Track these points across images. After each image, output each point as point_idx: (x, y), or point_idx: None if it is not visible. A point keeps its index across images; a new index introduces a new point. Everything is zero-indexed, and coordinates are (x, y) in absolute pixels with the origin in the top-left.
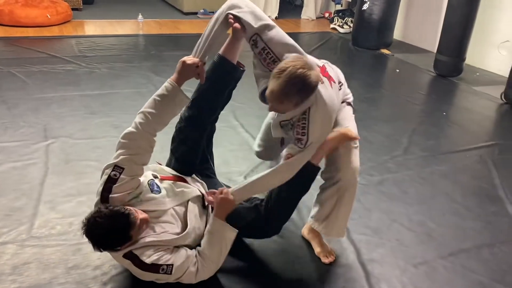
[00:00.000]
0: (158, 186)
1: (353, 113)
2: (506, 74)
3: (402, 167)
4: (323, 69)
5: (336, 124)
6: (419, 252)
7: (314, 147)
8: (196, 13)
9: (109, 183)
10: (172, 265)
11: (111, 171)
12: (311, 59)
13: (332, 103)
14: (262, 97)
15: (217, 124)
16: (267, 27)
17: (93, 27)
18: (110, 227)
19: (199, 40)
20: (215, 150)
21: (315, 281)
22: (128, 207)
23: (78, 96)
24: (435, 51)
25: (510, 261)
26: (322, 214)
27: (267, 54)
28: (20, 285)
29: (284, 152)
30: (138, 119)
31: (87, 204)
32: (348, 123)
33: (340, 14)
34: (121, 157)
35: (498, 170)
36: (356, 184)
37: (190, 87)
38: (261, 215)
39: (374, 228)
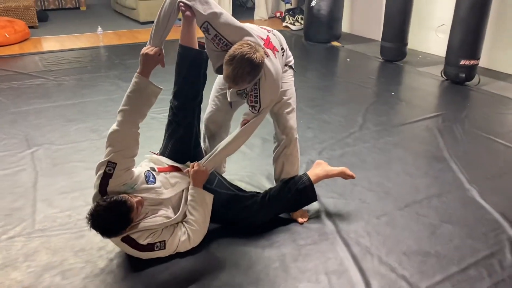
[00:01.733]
0: (154, 177)
1: (293, 76)
2: (444, 55)
3: (359, 141)
4: (267, 41)
5: None
6: (379, 206)
7: (266, 111)
8: (152, 22)
9: (105, 178)
10: (164, 241)
11: (106, 167)
12: (256, 34)
13: (277, 73)
14: (218, 71)
15: None
16: (216, 14)
17: (52, 42)
18: (112, 216)
19: (152, 29)
20: None
21: (293, 237)
22: (123, 195)
23: (51, 107)
24: (380, 39)
25: (455, 206)
26: (276, 173)
27: (220, 40)
28: (35, 269)
29: (242, 118)
30: (118, 117)
31: (81, 199)
32: (288, 87)
33: (290, 12)
34: (112, 154)
35: (442, 136)
36: (294, 140)
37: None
38: (256, 204)
39: (340, 192)
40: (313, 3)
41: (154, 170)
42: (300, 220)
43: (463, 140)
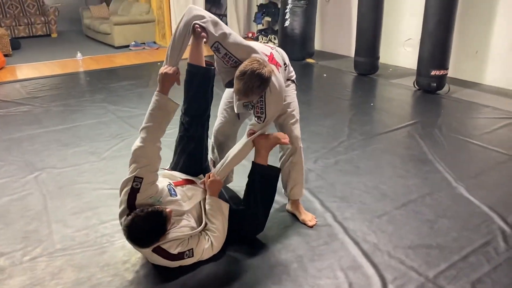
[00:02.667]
0: (174, 191)
1: (295, 89)
2: (414, 67)
3: (349, 149)
4: (270, 57)
5: None
6: (379, 207)
7: (270, 122)
8: (127, 46)
9: (133, 193)
10: (192, 249)
11: (133, 182)
12: (260, 50)
13: (280, 86)
14: (227, 86)
15: None
16: (226, 35)
17: (30, 70)
18: (150, 225)
19: (168, 50)
20: None
21: (306, 239)
22: (158, 206)
23: (44, 132)
24: (351, 55)
25: (447, 202)
26: (284, 180)
27: (229, 58)
28: (64, 286)
29: (248, 128)
30: (142, 134)
31: (95, 218)
32: (291, 100)
33: (262, 32)
34: (138, 169)
35: (424, 140)
36: (299, 149)
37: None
38: (248, 220)
39: (341, 196)
40: (286, 23)
41: (170, 184)
42: (309, 223)
43: (444, 143)
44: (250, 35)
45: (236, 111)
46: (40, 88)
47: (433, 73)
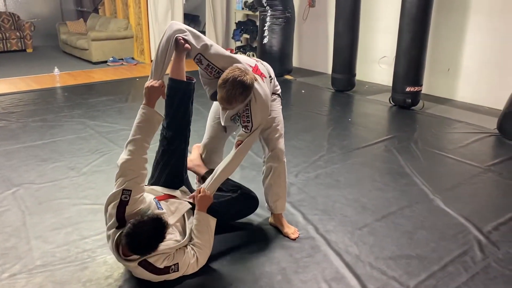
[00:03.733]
0: (159, 204)
1: (281, 104)
2: (389, 83)
3: (329, 163)
4: (255, 68)
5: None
6: (360, 219)
7: (257, 132)
8: (105, 62)
9: (122, 206)
10: (178, 263)
11: (121, 195)
12: (244, 61)
13: (265, 94)
14: (212, 97)
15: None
16: (207, 46)
17: (6, 85)
18: (155, 230)
19: (152, 65)
20: None
21: (289, 252)
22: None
23: (22, 148)
24: (328, 72)
25: (424, 214)
26: (265, 193)
27: (212, 69)
28: None
29: (236, 139)
30: (130, 147)
31: (75, 233)
32: (276, 114)
33: (241, 49)
34: (126, 182)
35: (401, 154)
36: (282, 163)
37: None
38: (241, 199)
39: (322, 209)
40: (265, 40)
41: (155, 198)
42: (292, 236)
43: (420, 157)
44: (229, 51)
45: (223, 124)
46: (17, 103)
47: (408, 89)
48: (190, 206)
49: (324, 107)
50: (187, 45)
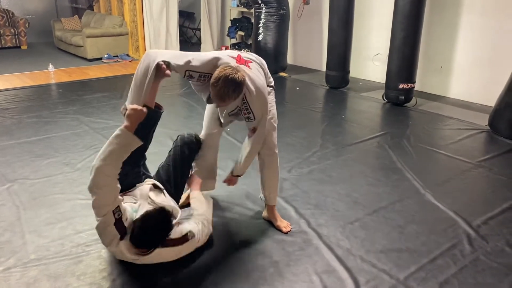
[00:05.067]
0: (132, 200)
1: (273, 97)
2: (382, 80)
3: (322, 159)
4: (238, 58)
5: None
6: (352, 214)
7: (265, 120)
8: (100, 59)
9: (119, 223)
10: (190, 230)
11: (114, 216)
12: (226, 55)
13: (259, 85)
14: (208, 101)
15: (161, 148)
16: (190, 61)
17: (0, 81)
18: (163, 221)
19: (131, 90)
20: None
21: (281, 245)
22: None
23: (16, 144)
24: (321, 69)
25: (415, 209)
26: (262, 189)
27: (205, 77)
28: None
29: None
30: (107, 171)
31: (70, 228)
32: (270, 107)
33: (236, 46)
34: (109, 205)
35: (393, 150)
36: (275, 154)
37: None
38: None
39: (314, 204)
40: (260, 37)
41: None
42: (284, 230)
43: (412, 153)
44: (223, 49)
45: (223, 121)
46: (12, 99)
47: (401, 86)
48: (148, 186)
49: (318, 104)
50: (167, 71)
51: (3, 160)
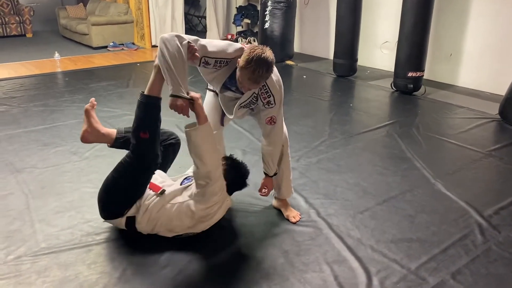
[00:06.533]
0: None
1: None
2: (390, 69)
3: (330, 148)
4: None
5: None
6: (361, 203)
7: (282, 106)
8: (105, 47)
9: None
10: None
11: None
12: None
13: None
14: (222, 90)
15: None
16: (205, 46)
17: (6, 70)
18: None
19: (172, 74)
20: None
21: (291, 235)
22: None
23: (23, 132)
24: (328, 57)
25: (426, 198)
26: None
27: (221, 62)
28: (51, 284)
29: (262, 116)
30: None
31: (79, 217)
32: None
33: (242, 34)
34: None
35: (402, 139)
36: (283, 149)
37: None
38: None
39: (324, 193)
40: (266, 25)
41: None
42: (293, 220)
43: (421, 142)
44: (229, 37)
45: (232, 117)
46: (18, 88)
47: (409, 75)
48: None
49: (325, 92)
50: (196, 54)
51: (10, 149)
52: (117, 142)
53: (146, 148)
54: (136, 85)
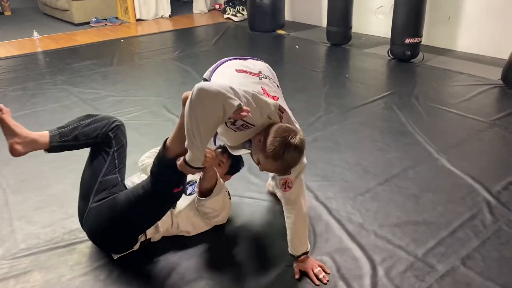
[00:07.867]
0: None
1: None
2: (386, 35)
3: (327, 124)
4: (264, 91)
5: None
6: (362, 184)
7: (301, 173)
8: (88, 23)
9: None
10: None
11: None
12: (262, 91)
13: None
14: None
15: (154, 120)
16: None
17: None
18: None
19: (197, 142)
20: None
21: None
22: None
23: None
24: (322, 25)
25: (430, 175)
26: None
27: (246, 127)
28: None
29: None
30: None
31: (61, 212)
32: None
33: (230, 4)
34: None
35: (402, 111)
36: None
37: None
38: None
39: (322, 174)
40: None
41: None
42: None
43: (422, 113)
44: (217, 6)
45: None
46: None
47: (407, 41)
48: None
49: (319, 63)
50: (244, 113)
51: None
52: (54, 144)
53: (180, 197)
54: (120, 63)
